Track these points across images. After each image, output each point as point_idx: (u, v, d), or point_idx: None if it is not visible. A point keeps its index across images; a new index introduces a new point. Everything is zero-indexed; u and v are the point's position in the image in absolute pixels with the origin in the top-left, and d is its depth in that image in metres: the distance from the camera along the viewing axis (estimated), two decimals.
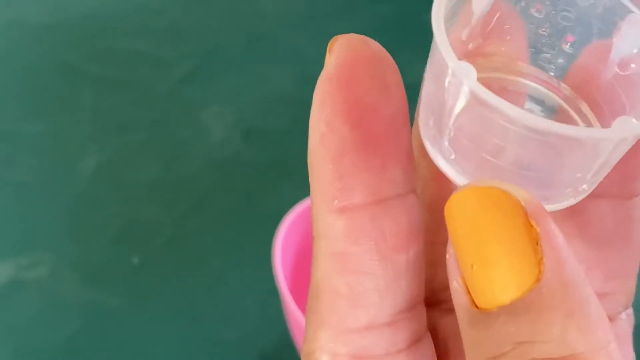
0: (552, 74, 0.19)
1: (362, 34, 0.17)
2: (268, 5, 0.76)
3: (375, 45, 0.18)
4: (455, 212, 0.16)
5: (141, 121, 0.66)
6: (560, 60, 0.19)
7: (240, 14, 0.76)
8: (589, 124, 0.18)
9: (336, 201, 0.17)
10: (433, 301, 0.20)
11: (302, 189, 0.53)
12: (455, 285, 0.16)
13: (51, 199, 0.60)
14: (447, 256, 0.16)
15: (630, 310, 0.20)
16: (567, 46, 0.19)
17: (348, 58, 0.17)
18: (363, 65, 0.17)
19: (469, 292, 0.16)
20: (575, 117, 0.19)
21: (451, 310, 0.19)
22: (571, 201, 0.17)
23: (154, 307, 0.54)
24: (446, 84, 0.16)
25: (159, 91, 0.68)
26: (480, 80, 0.18)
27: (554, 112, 0.19)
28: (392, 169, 0.17)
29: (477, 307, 0.16)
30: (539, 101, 0.19)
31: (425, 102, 0.17)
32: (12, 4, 0.75)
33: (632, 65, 0.18)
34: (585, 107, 0.19)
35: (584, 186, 0.17)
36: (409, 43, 0.17)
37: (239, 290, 0.55)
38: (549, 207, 0.17)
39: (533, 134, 0.15)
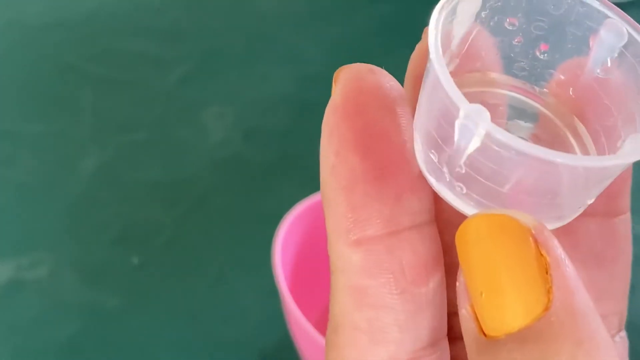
0: (529, 82, 0.19)
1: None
2: (268, 6, 0.76)
3: (381, 73, 0.17)
4: (466, 239, 0.16)
5: (141, 121, 0.66)
6: (535, 68, 0.19)
7: (241, 14, 0.76)
8: (573, 128, 0.18)
9: (351, 234, 0.17)
10: None
11: (302, 189, 0.53)
12: (464, 313, 0.16)
13: (51, 199, 0.60)
14: (457, 284, 0.16)
15: (624, 333, 0.20)
16: (541, 54, 0.19)
17: (353, 87, 0.17)
18: (369, 93, 0.17)
19: (477, 320, 0.16)
20: (557, 121, 0.19)
21: (457, 338, 0.19)
22: (579, 212, 0.18)
23: (154, 307, 0.54)
24: (456, 125, 0.15)
25: (159, 91, 0.68)
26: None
27: (535, 120, 0.19)
28: (408, 198, 0.17)
29: (485, 334, 0.15)
30: (519, 110, 0.19)
31: (424, 136, 0.17)
32: (12, 4, 0.75)
33: (613, 68, 0.18)
34: (566, 111, 0.19)
35: (590, 200, 0.17)
36: (409, 43, 0.17)
37: (239, 290, 0.55)
38: (559, 224, 0.17)
39: (552, 167, 0.15)
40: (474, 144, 0.15)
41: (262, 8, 0.76)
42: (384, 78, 0.17)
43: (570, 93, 0.18)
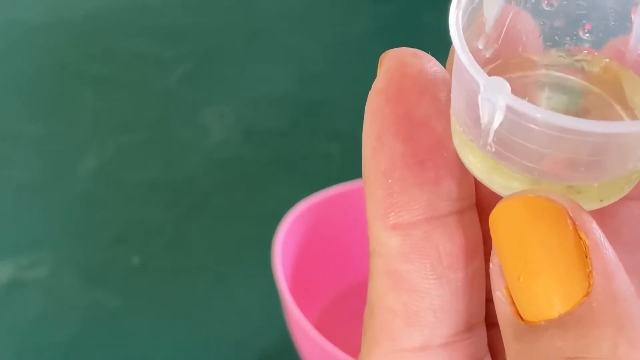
0: (574, 62, 0.19)
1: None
2: (268, 5, 0.76)
3: (425, 57, 0.17)
4: (501, 222, 0.16)
5: (141, 121, 0.66)
6: (580, 49, 0.19)
7: (240, 13, 0.76)
8: (625, 105, 0.18)
9: (389, 218, 0.17)
10: None
11: (302, 189, 0.53)
12: (499, 296, 0.16)
13: (51, 199, 0.60)
14: (491, 266, 0.16)
15: None
16: (585, 34, 0.18)
17: (397, 71, 0.17)
18: (412, 78, 0.17)
19: (513, 303, 0.15)
20: (606, 97, 0.18)
21: (494, 324, 0.19)
22: (625, 191, 0.17)
23: (154, 307, 0.54)
24: (479, 101, 0.15)
25: (159, 91, 0.68)
26: None
27: (584, 97, 0.18)
28: (447, 185, 0.17)
29: (522, 319, 0.15)
30: (567, 90, 0.18)
31: (457, 119, 0.17)
32: (12, 3, 0.75)
33: None
34: (615, 88, 0.18)
35: (634, 175, 0.17)
36: (409, 43, 0.17)
37: (239, 290, 0.55)
38: (598, 205, 0.17)
39: (579, 136, 0.15)
40: (497, 119, 0.15)
41: (262, 8, 0.76)
42: (428, 63, 0.17)
43: (616, 72, 0.18)
